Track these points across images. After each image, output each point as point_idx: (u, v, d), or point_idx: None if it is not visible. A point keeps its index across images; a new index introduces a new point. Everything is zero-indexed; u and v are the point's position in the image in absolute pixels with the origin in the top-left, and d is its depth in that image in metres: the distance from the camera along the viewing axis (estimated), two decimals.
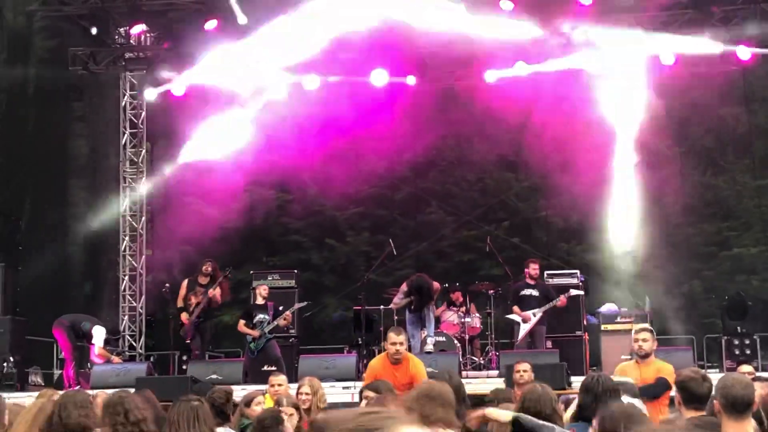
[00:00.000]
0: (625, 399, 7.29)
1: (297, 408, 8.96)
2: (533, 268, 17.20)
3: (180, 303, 17.31)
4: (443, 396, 6.30)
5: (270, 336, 16.68)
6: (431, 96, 21.60)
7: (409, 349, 16.94)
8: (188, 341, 17.18)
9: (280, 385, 10.98)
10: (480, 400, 8.98)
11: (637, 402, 7.80)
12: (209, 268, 17.45)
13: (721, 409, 5.79)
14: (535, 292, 16.95)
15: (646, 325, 13.14)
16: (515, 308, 16.96)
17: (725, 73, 20.45)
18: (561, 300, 16.75)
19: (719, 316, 18.97)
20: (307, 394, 10.12)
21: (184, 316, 17.09)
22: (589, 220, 21.16)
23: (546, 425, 6.80)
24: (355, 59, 19.61)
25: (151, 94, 20.14)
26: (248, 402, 9.43)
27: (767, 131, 22.30)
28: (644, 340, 10.12)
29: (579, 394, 7.32)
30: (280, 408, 8.67)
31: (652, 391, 9.36)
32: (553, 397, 7.38)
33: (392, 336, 11.07)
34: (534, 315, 16.72)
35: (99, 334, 16.65)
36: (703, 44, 18.85)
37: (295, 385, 10.76)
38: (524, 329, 16.69)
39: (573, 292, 17.04)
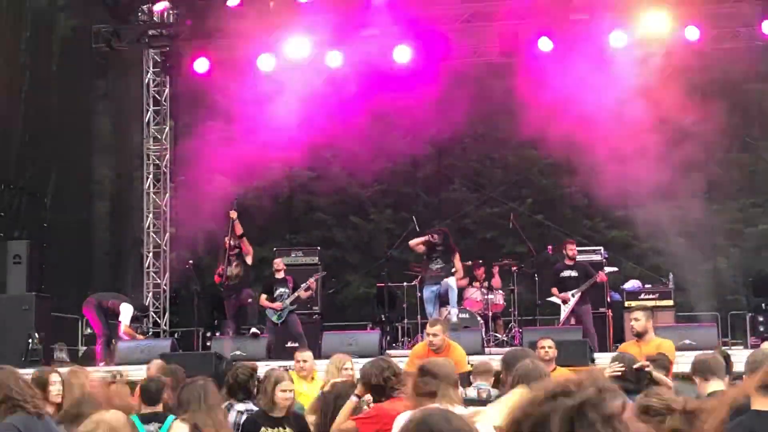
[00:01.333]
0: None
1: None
2: (571, 249, 17.23)
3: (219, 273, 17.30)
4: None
5: (291, 308, 16.76)
6: (454, 73, 21.52)
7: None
8: (223, 290, 17.09)
9: (305, 361, 11.04)
10: None
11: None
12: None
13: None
14: (574, 273, 16.95)
15: (642, 304, 13.32)
16: (554, 290, 17.00)
17: (750, 48, 20.30)
18: (600, 276, 16.81)
19: (743, 293, 18.92)
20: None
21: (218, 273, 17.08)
22: (612, 196, 21.06)
23: None
24: (378, 36, 19.54)
25: (202, 65, 19.96)
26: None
27: None
28: (636, 320, 10.50)
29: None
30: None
31: None
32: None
33: (428, 327, 11.61)
34: (573, 296, 16.70)
35: (126, 311, 16.79)
36: (728, 19, 18.72)
37: (321, 362, 10.83)
38: (565, 311, 16.71)
39: (607, 269, 17.17)
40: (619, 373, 7.85)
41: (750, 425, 5.37)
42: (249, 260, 17.31)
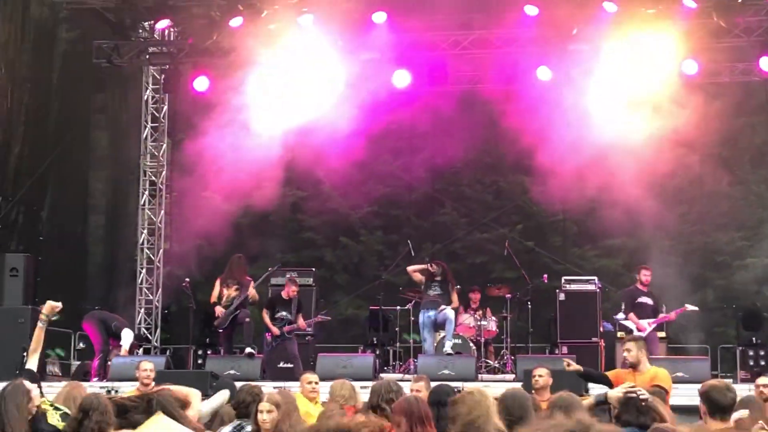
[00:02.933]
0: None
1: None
2: (644, 275, 16.96)
3: (214, 299, 17.34)
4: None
5: (288, 337, 16.79)
6: (449, 98, 21.65)
7: (423, 351, 17.12)
8: (220, 330, 17.19)
9: (316, 383, 11.09)
10: None
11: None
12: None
13: (706, 413, 6.06)
14: (649, 301, 16.77)
15: (633, 335, 13.35)
16: (631, 315, 16.69)
17: (746, 84, 20.54)
18: (670, 316, 16.69)
19: (731, 326, 19.04)
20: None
21: (218, 309, 17.08)
22: (602, 225, 21.21)
23: None
24: (377, 59, 19.65)
25: (201, 84, 20.04)
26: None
27: None
28: (628, 350, 10.57)
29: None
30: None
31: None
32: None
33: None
34: (649, 325, 16.57)
35: (127, 337, 16.83)
36: (726, 54, 18.92)
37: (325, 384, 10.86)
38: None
39: (689, 307, 16.80)
40: (634, 395, 7.66)
41: None
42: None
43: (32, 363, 8.69)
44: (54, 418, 7.58)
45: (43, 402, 7.69)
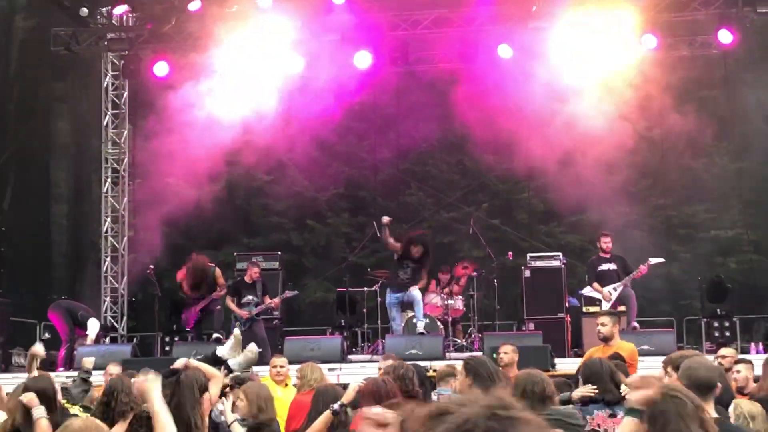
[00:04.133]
0: None
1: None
2: (604, 242, 16.81)
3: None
4: None
5: (257, 318, 16.74)
6: (412, 78, 21.65)
7: (391, 331, 17.11)
8: (188, 329, 17.18)
9: (282, 366, 11.08)
10: None
11: None
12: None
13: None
14: (613, 266, 16.61)
15: (609, 310, 13.38)
16: (595, 285, 16.60)
17: (706, 57, 20.63)
18: (641, 270, 16.37)
19: (697, 297, 19.15)
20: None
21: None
22: (568, 201, 21.28)
23: None
24: (338, 41, 19.58)
25: (161, 69, 19.90)
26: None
27: (746, 115, 22.46)
28: (602, 325, 10.61)
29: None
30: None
31: None
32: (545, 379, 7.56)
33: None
34: (615, 290, 16.46)
35: (93, 327, 16.75)
36: (685, 28, 18.98)
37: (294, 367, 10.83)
38: (606, 306, 16.10)
39: (652, 260, 16.56)
40: (592, 395, 7.74)
41: None
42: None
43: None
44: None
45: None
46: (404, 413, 4.14)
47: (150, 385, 6.31)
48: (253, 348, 9.37)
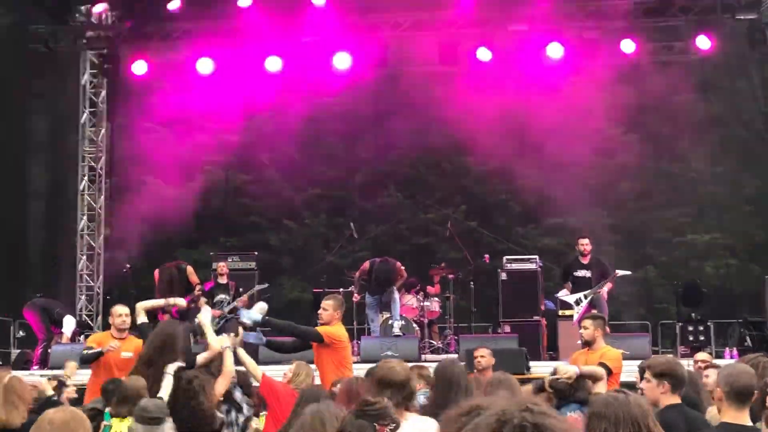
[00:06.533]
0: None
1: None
2: (581, 244, 16.52)
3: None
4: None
5: (230, 316, 16.69)
6: (391, 80, 21.66)
7: (368, 332, 17.13)
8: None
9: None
10: None
11: None
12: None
13: (723, 397, 5.95)
14: (588, 273, 16.35)
15: (593, 314, 13.29)
16: (567, 285, 16.48)
17: (684, 62, 20.71)
18: (609, 286, 16.18)
19: (672, 301, 19.22)
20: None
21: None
22: (545, 204, 21.36)
23: None
24: (317, 42, 19.58)
25: (140, 68, 19.85)
26: None
27: (723, 120, 22.60)
28: (585, 328, 10.45)
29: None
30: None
31: None
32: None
33: None
34: (585, 297, 16.12)
35: (69, 324, 16.70)
36: (664, 33, 19.06)
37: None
38: (578, 312, 15.90)
39: (620, 272, 16.28)
40: (564, 384, 7.77)
41: None
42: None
43: None
44: None
45: None
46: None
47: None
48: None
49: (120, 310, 10.80)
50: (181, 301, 11.49)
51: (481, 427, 2.45)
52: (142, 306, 10.10)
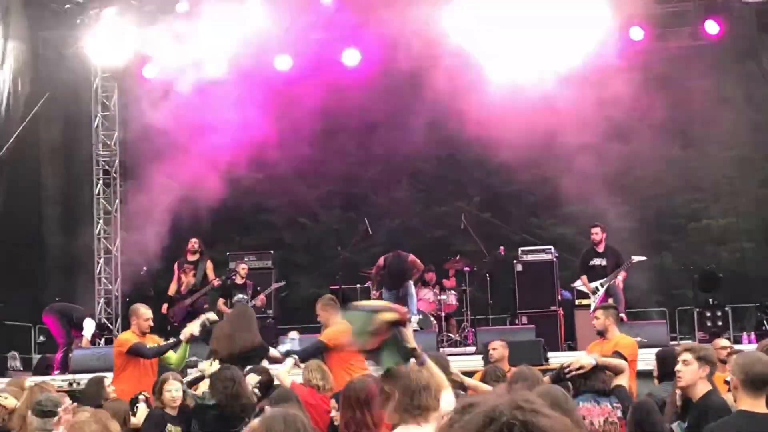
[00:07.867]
0: None
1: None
2: (594, 233, 16.78)
3: (173, 288, 17.40)
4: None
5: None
6: (402, 75, 21.63)
7: None
8: (176, 324, 17.21)
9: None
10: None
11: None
12: (195, 245, 17.56)
13: (738, 385, 5.98)
14: (603, 262, 16.60)
15: (605, 304, 13.33)
16: (583, 278, 16.70)
17: (694, 47, 20.67)
18: (623, 274, 16.44)
19: (689, 287, 19.21)
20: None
21: (164, 307, 17.18)
22: (559, 194, 21.32)
23: None
24: (326, 39, 19.61)
25: (151, 70, 19.92)
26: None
27: (734, 104, 22.50)
28: (596, 318, 10.60)
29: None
30: None
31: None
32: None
33: None
34: (601, 285, 16.45)
35: (89, 326, 16.80)
36: (672, 19, 19.03)
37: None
38: (594, 301, 16.17)
39: (635, 258, 16.54)
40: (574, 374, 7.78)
41: (737, 425, 5.60)
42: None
43: None
44: None
45: None
46: None
47: None
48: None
49: (149, 313, 11.30)
50: (213, 316, 11.79)
51: (470, 424, 2.43)
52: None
